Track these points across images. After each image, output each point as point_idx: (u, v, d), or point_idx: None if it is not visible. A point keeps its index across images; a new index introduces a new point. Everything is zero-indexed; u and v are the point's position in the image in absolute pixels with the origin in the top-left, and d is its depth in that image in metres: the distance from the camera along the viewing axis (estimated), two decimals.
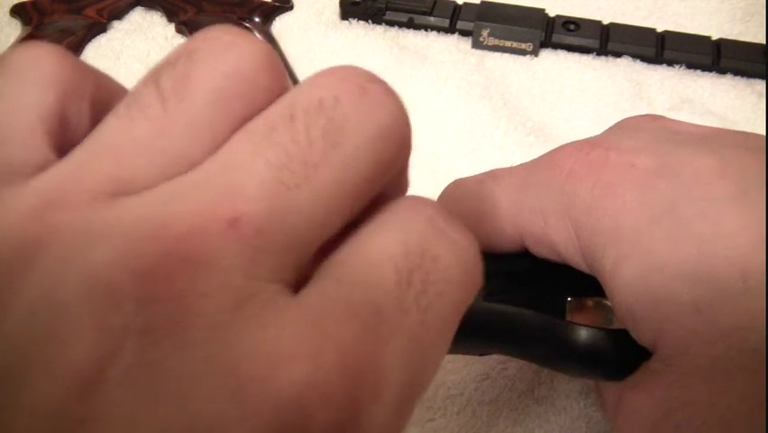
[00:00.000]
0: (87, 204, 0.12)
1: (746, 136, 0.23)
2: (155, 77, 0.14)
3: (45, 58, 0.14)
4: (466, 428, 0.29)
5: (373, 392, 0.12)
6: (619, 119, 0.26)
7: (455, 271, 0.14)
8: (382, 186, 0.15)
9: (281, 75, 0.14)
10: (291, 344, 0.12)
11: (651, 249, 0.20)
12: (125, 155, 0.13)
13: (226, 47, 0.14)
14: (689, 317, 0.19)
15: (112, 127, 0.13)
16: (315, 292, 0.13)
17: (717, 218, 0.19)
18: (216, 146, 0.13)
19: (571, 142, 0.24)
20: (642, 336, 0.21)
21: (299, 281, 0.13)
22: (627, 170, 0.21)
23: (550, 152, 0.24)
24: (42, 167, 0.13)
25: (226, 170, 0.12)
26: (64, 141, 0.14)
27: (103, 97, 0.15)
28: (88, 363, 0.11)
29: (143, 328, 0.11)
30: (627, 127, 0.25)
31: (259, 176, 0.12)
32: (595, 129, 0.41)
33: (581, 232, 0.22)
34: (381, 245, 0.14)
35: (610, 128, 0.25)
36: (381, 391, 0.12)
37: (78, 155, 0.13)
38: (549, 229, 0.23)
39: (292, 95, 0.14)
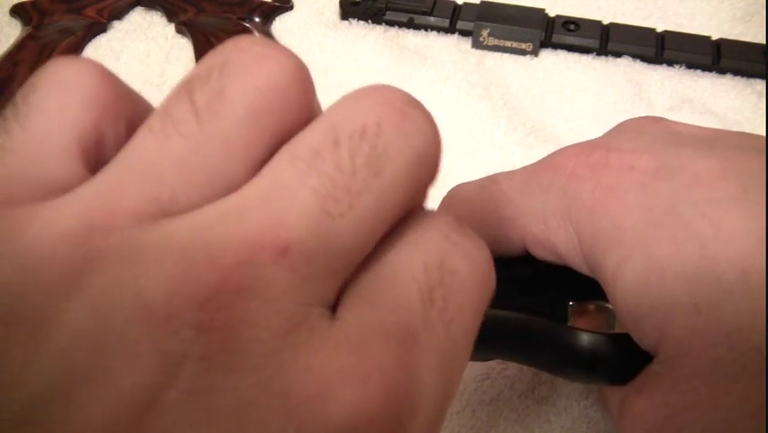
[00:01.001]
0: (132, 226, 0.12)
1: (748, 137, 0.23)
2: (188, 90, 0.14)
3: (87, 74, 0.14)
4: (466, 428, 0.29)
5: (413, 410, 0.13)
6: (619, 119, 0.26)
7: (472, 282, 0.15)
8: (413, 205, 0.15)
9: (311, 88, 0.14)
10: (339, 368, 0.12)
11: (652, 251, 0.20)
12: (164, 174, 0.13)
13: (259, 60, 0.14)
14: (690, 318, 0.19)
15: (147, 144, 0.13)
16: (351, 316, 0.13)
17: (718, 219, 0.19)
18: (251, 163, 0.13)
19: (572, 145, 0.24)
20: (644, 338, 0.21)
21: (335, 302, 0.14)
22: (628, 173, 0.21)
23: (551, 154, 0.24)
24: (77, 186, 0.13)
25: (271, 197, 0.13)
26: (98, 161, 0.14)
27: (138, 119, 0.15)
28: (144, 387, 0.11)
29: (201, 355, 0.11)
30: (628, 129, 0.25)
31: (305, 204, 0.12)
32: (595, 129, 0.41)
33: (583, 234, 0.22)
34: (404, 265, 0.14)
35: (611, 130, 0.25)
36: (419, 408, 0.13)
37: (116, 173, 0.13)
38: (550, 231, 0.23)
39: (333, 116, 0.14)
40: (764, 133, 0.41)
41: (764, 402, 0.18)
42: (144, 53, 0.47)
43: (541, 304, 0.24)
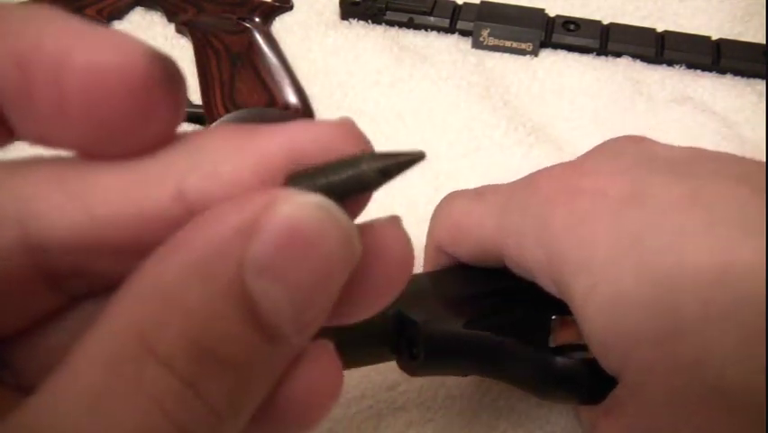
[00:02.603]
0: None
1: (726, 162, 0.23)
2: None
3: None
4: (467, 429, 0.29)
5: None
6: (619, 119, 0.27)
7: None
8: None
9: None
10: None
11: (618, 280, 0.20)
12: None
13: None
14: (651, 348, 0.20)
15: None
16: None
17: (682, 251, 0.20)
18: None
19: (551, 167, 0.25)
20: (608, 364, 0.21)
21: None
22: (601, 199, 0.22)
23: (534, 173, 0.25)
24: None
25: None
26: None
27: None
28: None
29: None
30: (609, 150, 0.25)
31: None
32: (595, 128, 0.41)
33: (553, 258, 0.22)
34: None
35: (592, 150, 0.26)
36: None
37: None
38: (524, 252, 0.23)
39: None
40: (764, 133, 0.41)
41: None
42: None
43: (525, 317, 0.24)
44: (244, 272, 0.12)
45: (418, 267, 0.28)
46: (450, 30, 0.47)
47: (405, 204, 0.37)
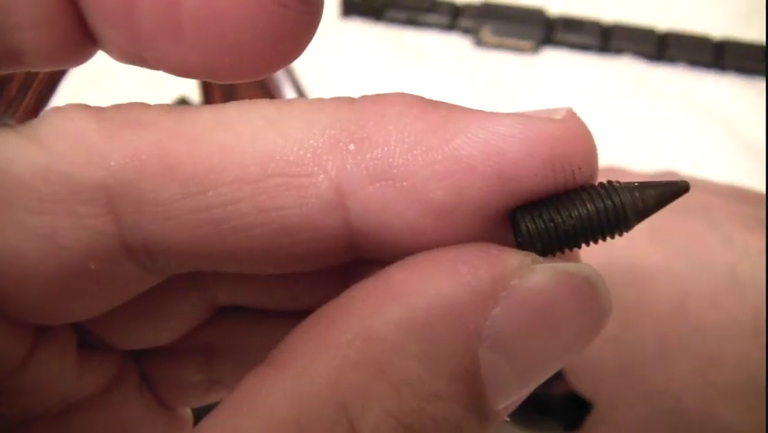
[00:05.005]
0: None
1: (689, 194, 0.24)
2: None
3: None
4: None
5: None
6: (620, 118, 0.27)
7: None
8: None
9: None
10: None
11: None
12: None
13: None
14: (616, 378, 0.21)
15: None
16: None
17: (641, 288, 0.21)
18: None
19: None
20: (582, 391, 0.23)
21: None
22: None
23: None
24: None
25: None
26: None
27: None
28: None
29: None
30: None
31: None
32: (595, 128, 0.41)
33: None
34: None
35: None
36: None
37: None
38: None
39: None
40: (765, 132, 0.41)
41: None
42: None
43: None
44: (478, 344, 0.10)
45: None
46: (450, 28, 0.47)
47: None
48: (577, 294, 0.11)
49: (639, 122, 0.41)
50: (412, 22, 0.47)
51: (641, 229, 0.22)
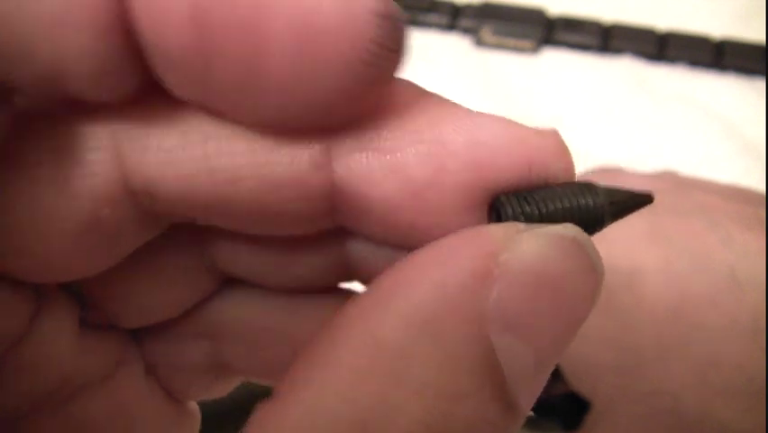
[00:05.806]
0: None
1: (684, 197, 0.24)
2: None
3: None
4: None
5: None
6: (620, 117, 0.27)
7: None
8: None
9: None
10: None
11: None
12: None
13: None
14: (614, 378, 0.22)
15: None
16: None
17: (639, 290, 0.21)
18: None
19: None
20: (582, 391, 0.23)
21: None
22: None
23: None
24: None
25: None
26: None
27: None
28: None
29: None
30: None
31: None
32: (596, 127, 0.41)
33: None
34: None
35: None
36: None
37: None
38: None
39: None
40: (765, 132, 0.41)
41: None
42: None
43: None
44: (488, 328, 0.10)
45: None
46: (450, 28, 0.47)
47: None
48: (569, 255, 0.11)
49: (639, 122, 0.41)
50: (412, 21, 0.47)
51: (641, 229, 0.22)
